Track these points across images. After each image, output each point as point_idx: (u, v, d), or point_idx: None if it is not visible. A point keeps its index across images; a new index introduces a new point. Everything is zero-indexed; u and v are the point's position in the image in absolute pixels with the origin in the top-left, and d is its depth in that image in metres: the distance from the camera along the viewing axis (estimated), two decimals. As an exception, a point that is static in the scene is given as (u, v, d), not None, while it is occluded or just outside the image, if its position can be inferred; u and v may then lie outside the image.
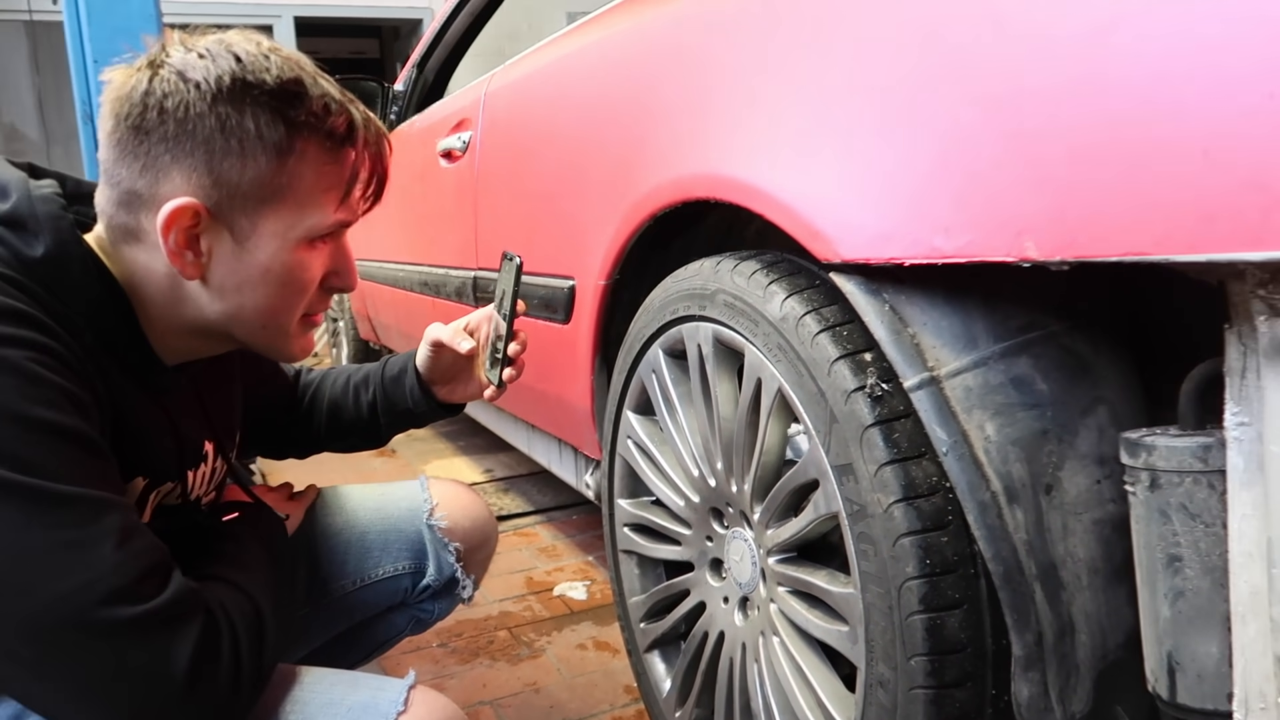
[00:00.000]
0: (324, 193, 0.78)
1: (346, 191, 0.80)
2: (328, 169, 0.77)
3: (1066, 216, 0.62)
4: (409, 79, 2.68)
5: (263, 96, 0.73)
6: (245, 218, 0.75)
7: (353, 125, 0.79)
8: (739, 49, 0.97)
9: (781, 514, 0.95)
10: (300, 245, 0.78)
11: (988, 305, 0.77)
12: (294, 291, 0.80)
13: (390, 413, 1.12)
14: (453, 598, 1.19)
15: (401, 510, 1.16)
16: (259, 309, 0.79)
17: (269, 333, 0.82)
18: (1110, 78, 0.59)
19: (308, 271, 0.80)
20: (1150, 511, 0.67)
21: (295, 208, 0.76)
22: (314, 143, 0.76)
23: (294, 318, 0.82)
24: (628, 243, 1.20)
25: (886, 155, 0.76)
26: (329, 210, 0.79)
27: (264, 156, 0.74)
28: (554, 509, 2.39)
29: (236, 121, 0.72)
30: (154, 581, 0.65)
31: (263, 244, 0.76)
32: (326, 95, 0.77)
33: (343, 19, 7.09)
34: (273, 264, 0.77)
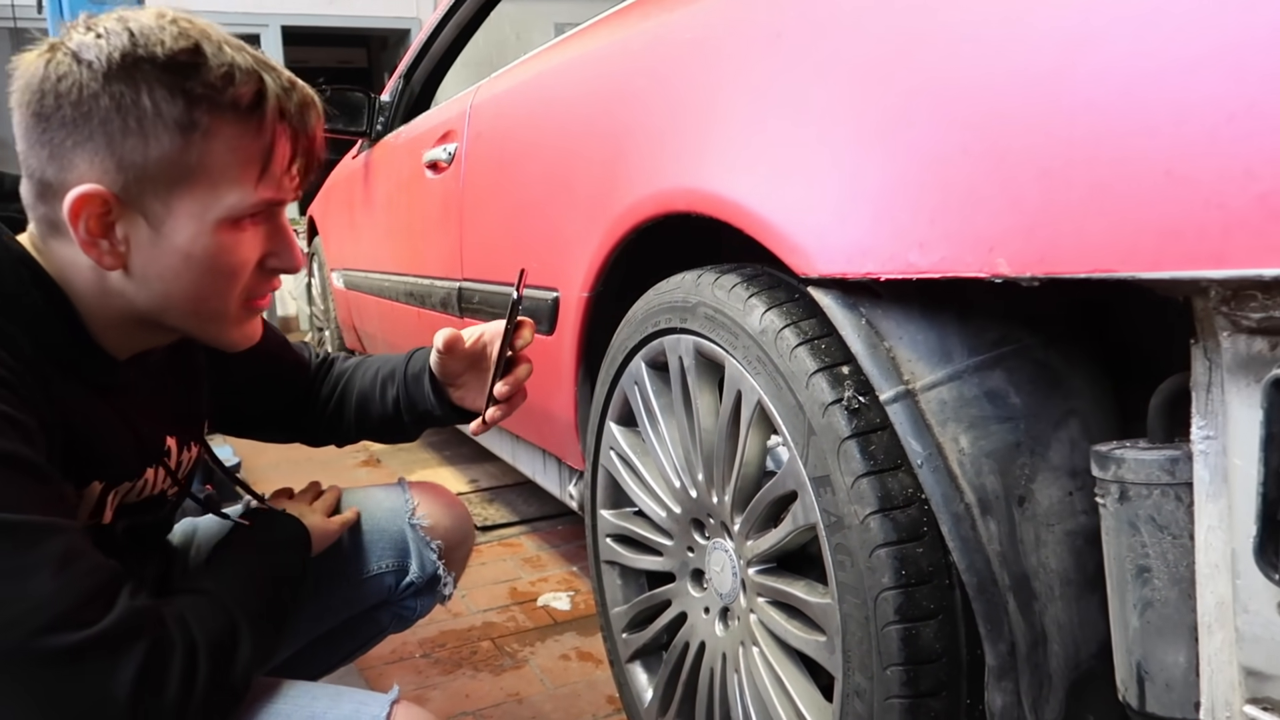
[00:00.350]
0: (240, 169, 0.73)
1: (264, 167, 0.74)
2: (240, 143, 0.73)
3: (1037, 234, 0.64)
4: (396, 90, 2.69)
5: (155, 70, 0.69)
6: (158, 201, 0.71)
7: (262, 94, 0.73)
8: (719, 66, 0.99)
9: (761, 525, 0.96)
10: (222, 227, 0.74)
11: (962, 319, 0.79)
12: (223, 276, 0.76)
13: (412, 411, 1.10)
14: (434, 595, 1.20)
15: (384, 511, 1.17)
16: (187, 296, 0.76)
17: (204, 320, 0.79)
18: (1078, 99, 0.60)
19: (235, 254, 0.76)
20: (1120, 523, 0.68)
21: (210, 187, 0.72)
22: (220, 116, 0.71)
23: (229, 303, 0.79)
24: (610, 255, 1.20)
25: (862, 172, 0.78)
26: (249, 188, 0.74)
27: (166, 135, 0.70)
28: (539, 519, 2.39)
29: (132, 99, 0.68)
30: (97, 605, 0.64)
31: (180, 228, 0.72)
32: (230, 64, 0.71)
33: (330, 29, 7.09)
34: (193, 248, 0.73)
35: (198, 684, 0.67)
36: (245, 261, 0.77)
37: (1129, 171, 0.57)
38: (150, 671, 0.65)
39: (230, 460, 2.81)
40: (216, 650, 0.71)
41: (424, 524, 1.16)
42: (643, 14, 1.20)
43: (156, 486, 0.88)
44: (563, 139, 1.37)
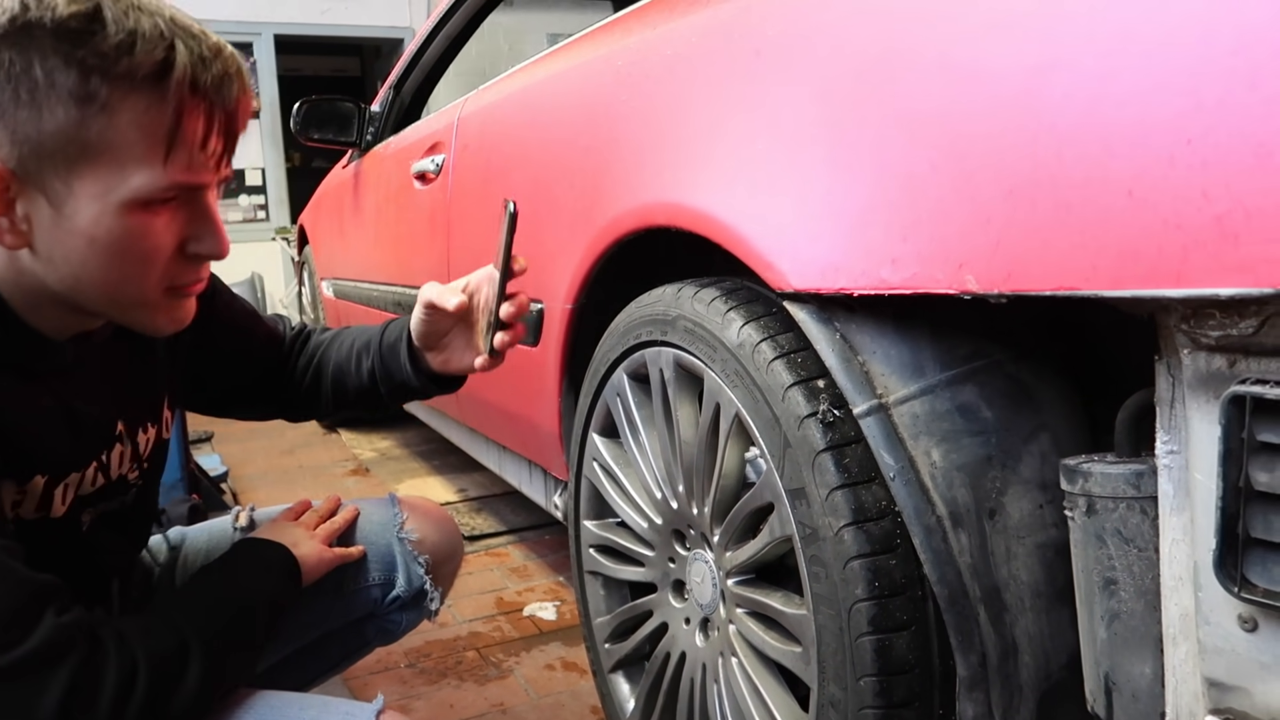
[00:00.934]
0: (145, 148, 0.67)
1: (171, 145, 0.68)
2: (143, 119, 0.66)
3: (1003, 252, 0.65)
4: (386, 100, 2.70)
5: (46, 37, 0.63)
6: (58, 179, 0.66)
7: (169, 63, 0.66)
8: (698, 82, 1.00)
9: (740, 536, 0.96)
10: (129, 209, 0.68)
11: (935, 334, 0.80)
12: (133, 262, 0.70)
13: (389, 382, 1.06)
14: (420, 610, 1.19)
15: (373, 524, 1.16)
16: (97, 281, 0.70)
17: (122, 306, 0.74)
18: (1043, 121, 0.62)
19: (146, 239, 0.70)
20: (1087, 536, 0.69)
21: (115, 166, 0.66)
22: (119, 88, 0.65)
23: (146, 290, 0.73)
24: (593, 267, 1.21)
25: (836, 190, 0.79)
26: (156, 168, 0.68)
27: (61, 107, 0.64)
28: (526, 529, 2.40)
29: (23, 68, 0.63)
30: (20, 626, 0.62)
31: (82, 208, 0.67)
32: (133, 30, 0.65)
33: (324, 38, 7.10)
34: (97, 231, 0.68)
35: (131, 705, 0.65)
36: (157, 247, 0.71)
37: (1092, 192, 0.58)
38: (79, 691, 0.63)
39: (217, 469, 2.81)
40: (158, 672, 0.68)
41: (412, 538, 1.16)
42: (625, 30, 1.21)
43: (114, 472, 0.85)
44: (547, 152, 1.38)
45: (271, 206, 7.03)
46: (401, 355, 1.04)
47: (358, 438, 3.51)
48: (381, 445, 3.39)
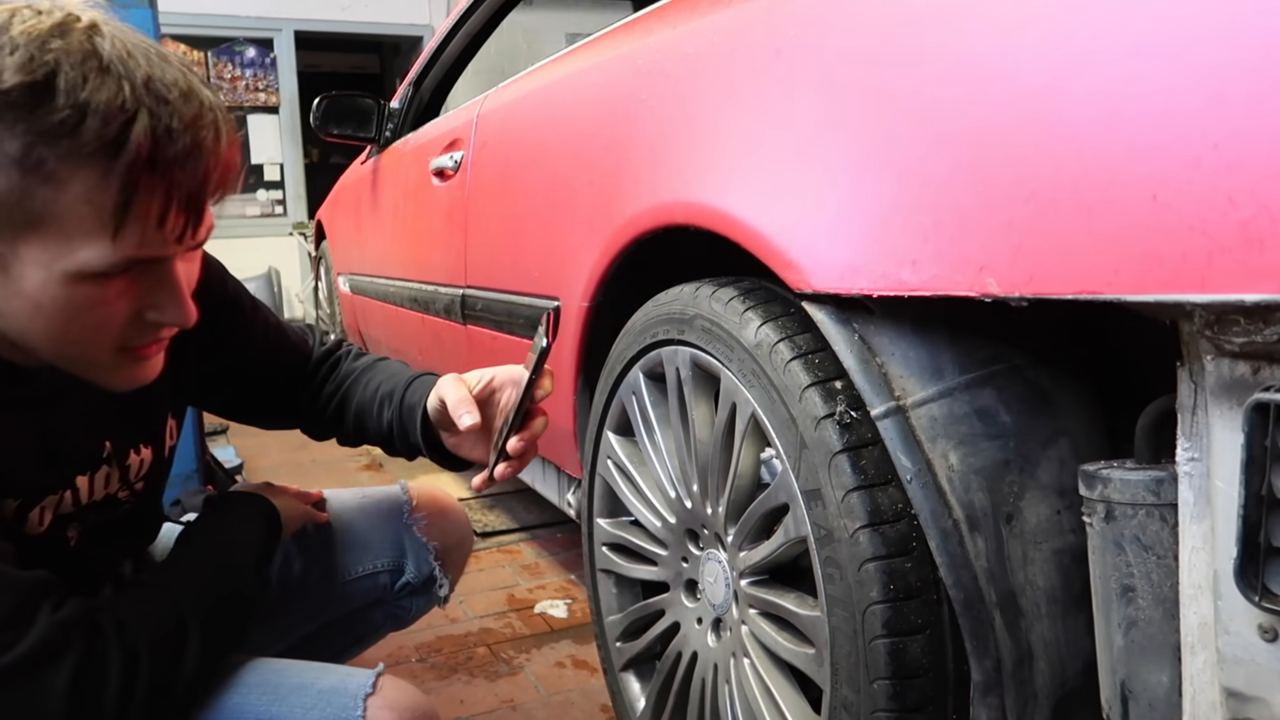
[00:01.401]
0: (93, 223, 0.63)
1: (120, 223, 0.63)
2: (93, 194, 0.62)
3: (1025, 255, 0.64)
4: (405, 97, 2.71)
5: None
6: (3, 244, 0.63)
7: (121, 140, 0.61)
8: (719, 82, 1.00)
9: (754, 537, 0.96)
10: (75, 281, 0.64)
11: (954, 337, 0.79)
12: (84, 329, 0.68)
13: (404, 440, 1.03)
14: (430, 596, 1.21)
15: (382, 510, 1.18)
16: (48, 339, 0.68)
17: (70, 363, 0.71)
18: (1066, 124, 0.61)
19: (95, 311, 0.67)
20: (1105, 542, 0.69)
21: (60, 238, 0.63)
22: (67, 162, 0.61)
23: (97, 354, 0.70)
24: (610, 265, 1.21)
25: (857, 191, 0.79)
26: (103, 243, 0.63)
27: (4, 174, 0.60)
28: (538, 526, 2.40)
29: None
30: (13, 627, 0.63)
31: (28, 274, 0.64)
32: (88, 102, 0.60)
33: (343, 34, 7.13)
34: (42, 298, 0.65)
35: (138, 689, 0.66)
36: (109, 318, 0.68)
37: (1114, 195, 0.58)
38: (83, 685, 0.64)
39: (232, 462, 2.82)
40: (160, 651, 0.69)
41: (420, 524, 1.18)
42: (646, 29, 1.21)
43: (99, 492, 0.84)
44: (566, 150, 1.38)
45: (289, 201, 7.07)
46: (417, 423, 1.00)
47: (372, 433, 3.53)
48: (395, 441, 3.40)
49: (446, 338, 2.04)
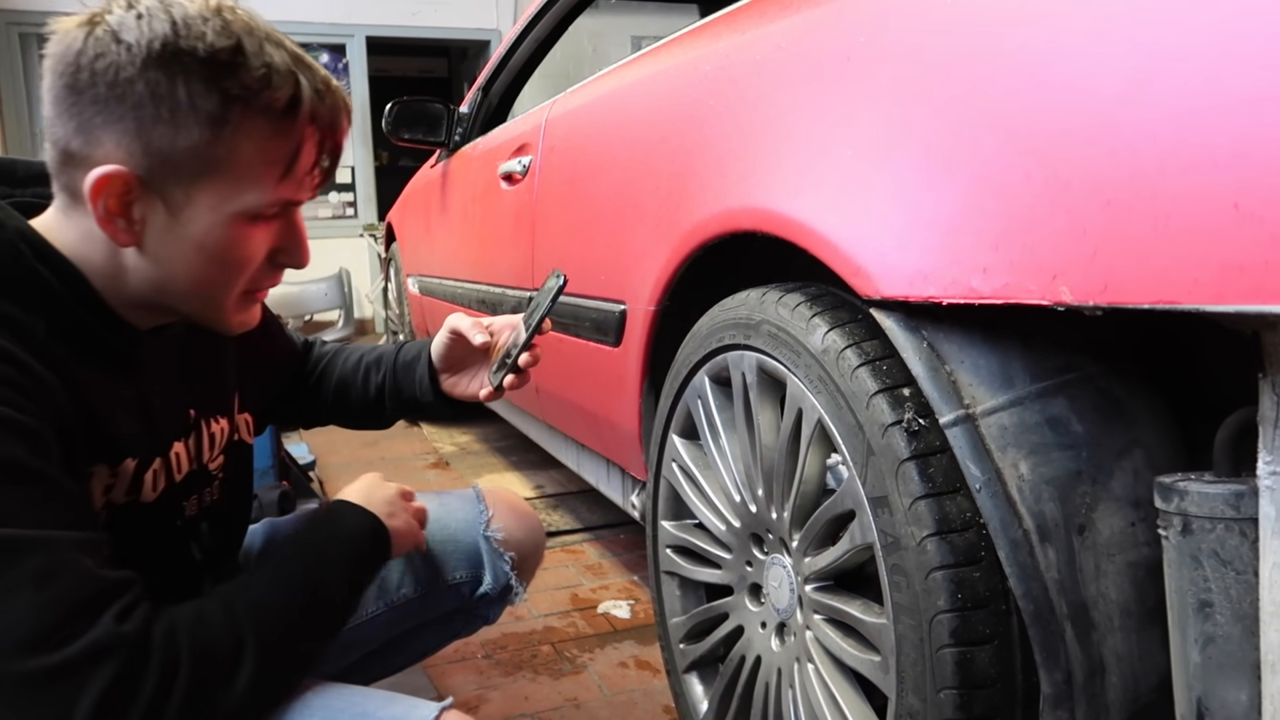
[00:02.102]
0: (264, 168, 0.73)
1: (288, 168, 0.75)
2: (268, 144, 0.73)
3: (1100, 263, 0.64)
4: (474, 101, 2.75)
5: (195, 64, 0.69)
6: (179, 188, 0.72)
7: (298, 99, 0.73)
8: (788, 88, 1.00)
9: (819, 542, 0.96)
10: (238, 221, 0.75)
11: (1025, 346, 0.79)
12: (230, 267, 0.77)
13: (396, 398, 1.12)
14: (505, 602, 1.22)
15: (459, 521, 1.19)
16: (192, 280, 0.76)
17: (202, 303, 0.79)
18: (1144, 130, 0.60)
19: (245, 248, 0.77)
20: (1182, 556, 0.68)
21: (232, 182, 0.73)
22: (252, 116, 0.71)
23: (231, 292, 0.79)
24: (677, 270, 1.22)
25: (927, 197, 0.78)
26: (269, 187, 0.74)
27: (197, 127, 0.70)
28: (601, 527, 2.42)
29: (167, 89, 0.68)
30: (76, 624, 0.63)
31: (197, 217, 0.73)
32: (269, 65, 0.71)
33: (412, 39, 7.27)
34: (207, 238, 0.74)
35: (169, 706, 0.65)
36: (254, 256, 0.78)
37: (1194, 204, 0.57)
38: (114, 695, 0.63)
39: (305, 458, 2.90)
40: (204, 668, 0.68)
41: (498, 536, 1.18)
42: (714, 35, 1.22)
43: (192, 462, 0.90)
44: (634, 155, 1.39)
45: (360, 204, 7.23)
46: (418, 372, 1.10)
47: (438, 432, 3.59)
48: (461, 440, 3.46)
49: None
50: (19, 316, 0.70)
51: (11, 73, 6.33)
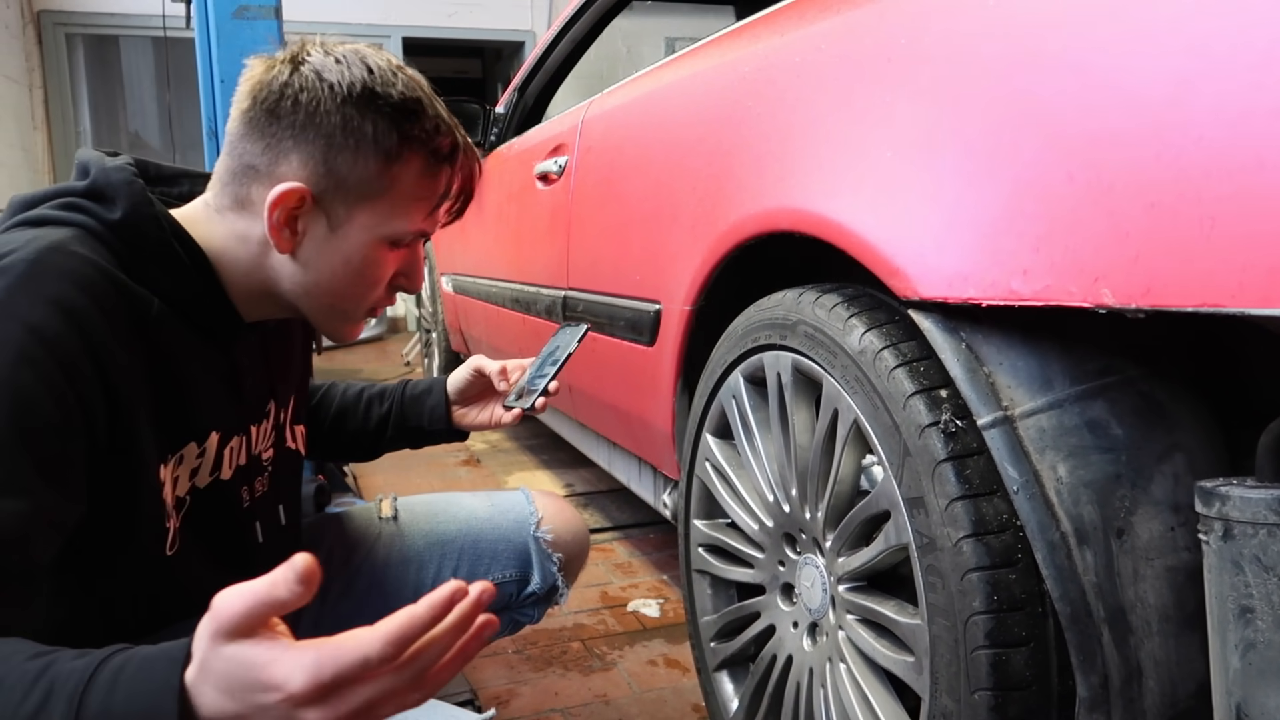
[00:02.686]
0: (416, 202, 0.86)
1: (435, 205, 0.88)
2: (424, 182, 0.86)
3: (1143, 265, 0.63)
4: (510, 102, 2.77)
5: (385, 107, 0.82)
6: (344, 208, 0.83)
7: (456, 147, 0.87)
8: (827, 90, 1.00)
9: (853, 543, 0.97)
10: (382, 244, 0.86)
11: (1065, 348, 0.78)
12: (365, 283, 0.88)
13: (400, 427, 1.20)
14: (549, 603, 1.25)
15: (509, 521, 1.22)
16: (332, 291, 0.87)
17: (334, 313, 0.90)
18: (1190, 133, 0.60)
19: (381, 268, 0.88)
20: (1223, 561, 0.67)
21: (388, 210, 0.84)
22: (419, 157, 0.84)
23: (359, 306, 0.90)
24: (713, 270, 1.23)
25: (967, 199, 0.78)
26: (416, 219, 0.87)
27: (374, 159, 0.82)
28: (631, 526, 2.43)
29: (358, 124, 0.81)
30: None
31: (351, 235, 0.84)
32: (439, 117, 0.85)
33: (448, 40, 7.33)
34: (354, 255, 0.85)
35: None
36: (382, 276, 0.89)
37: (1241, 206, 0.57)
38: None
39: (340, 453, 2.93)
40: None
41: (548, 537, 1.21)
42: (753, 36, 1.22)
43: (263, 446, 0.98)
44: (671, 156, 1.40)
45: (394, 203, 7.28)
46: (429, 403, 1.19)
47: (470, 429, 3.61)
48: (492, 438, 3.48)
49: (547, 338, 2.08)
50: (138, 292, 0.78)
51: (59, 73, 6.45)
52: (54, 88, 6.45)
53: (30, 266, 0.69)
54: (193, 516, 0.87)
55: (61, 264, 0.71)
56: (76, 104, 6.68)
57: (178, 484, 0.85)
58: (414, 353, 5.61)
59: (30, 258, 0.70)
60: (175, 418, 0.82)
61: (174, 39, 5.37)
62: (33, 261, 0.69)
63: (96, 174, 0.81)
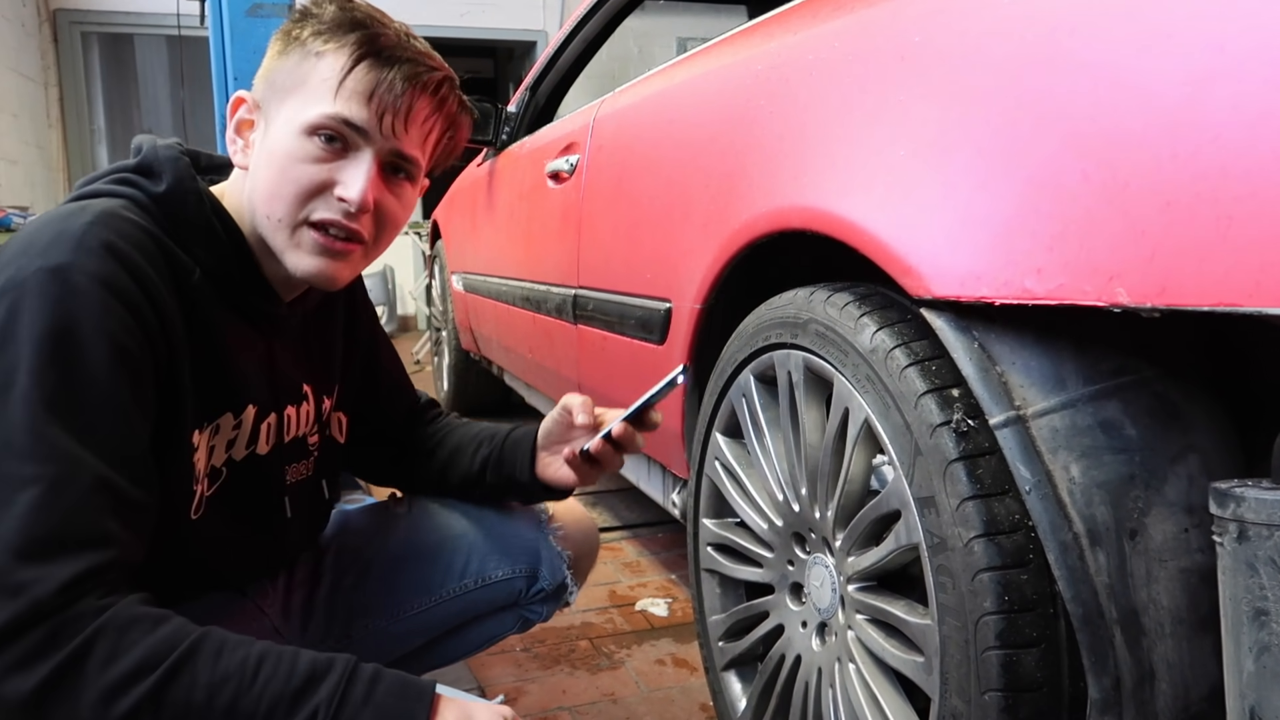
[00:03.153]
0: (326, 87, 0.84)
1: (341, 82, 0.84)
2: (334, 63, 0.84)
3: (1159, 265, 0.63)
4: (521, 101, 2.78)
5: (314, 10, 0.86)
6: (275, 107, 0.86)
7: (355, 21, 0.85)
8: (840, 88, 1.00)
9: (863, 542, 0.96)
10: (301, 133, 0.84)
11: (1078, 348, 0.78)
12: (287, 178, 0.84)
13: (498, 472, 1.14)
14: (558, 601, 1.24)
15: (519, 516, 1.22)
16: (264, 193, 0.86)
17: (272, 226, 0.86)
18: (1206, 132, 0.60)
19: (301, 161, 0.84)
20: (1237, 563, 0.67)
21: (304, 97, 0.85)
22: (328, 39, 0.85)
23: (291, 211, 0.85)
24: (724, 269, 1.23)
25: (981, 197, 0.78)
26: (326, 100, 0.84)
27: (297, 53, 0.85)
28: (640, 525, 2.43)
29: (295, 31, 0.86)
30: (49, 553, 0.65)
31: (276, 129, 0.86)
32: (353, 6, 0.87)
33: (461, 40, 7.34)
34: (276, 146, 0.85)
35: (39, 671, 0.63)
36: (307, 171, 0.84)
37: (1258, 206, 0.57)
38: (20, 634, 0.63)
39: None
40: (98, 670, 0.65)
41: (557, 534, 1.21)
42: (766, 35, 1.22)
43: (300, 428, 1.00)
44: (682, 154, 1.40)
45: (405, 202, 7.30)
46: (521, 451, 1.13)
47: (479, 428, 3.62)
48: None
49: (557, 336, 2.09)
50: (181, 256, 0.82)
51: (74, 71, 6.49)
52: (69, 85, 6.49)
53: (88, 228, 0.75)
54: (228, 488, 0.90)
55: (114, 225, 0.77)
56: (91, 102, 6.71)
57: (213, 453, 0.88)
58: (424, 351, 5.62)
59: (87, 220, 0.76)
60: (212, 385, 0.85)
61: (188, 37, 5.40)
62: (89, 224, 0.75)
63: (147, 151, 0.86)
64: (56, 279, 0.71)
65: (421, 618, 1.15)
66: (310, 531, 1.09)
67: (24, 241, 0.75)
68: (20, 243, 0.75)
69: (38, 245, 0.73)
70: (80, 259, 0.73)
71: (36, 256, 0.72)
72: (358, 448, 1.17)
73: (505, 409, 3.77)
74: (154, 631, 0.68)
